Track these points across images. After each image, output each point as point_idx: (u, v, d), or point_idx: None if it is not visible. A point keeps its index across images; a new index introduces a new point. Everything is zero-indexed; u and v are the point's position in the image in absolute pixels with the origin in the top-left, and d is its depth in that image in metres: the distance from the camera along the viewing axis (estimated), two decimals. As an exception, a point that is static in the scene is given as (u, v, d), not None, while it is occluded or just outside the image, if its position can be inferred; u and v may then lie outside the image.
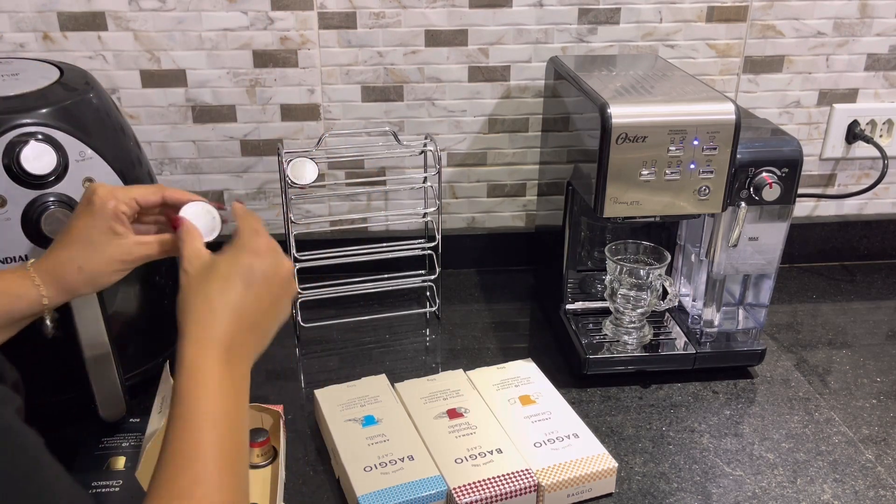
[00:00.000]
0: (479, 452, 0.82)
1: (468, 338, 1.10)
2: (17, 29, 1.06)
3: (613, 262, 0.99)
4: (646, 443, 0.90)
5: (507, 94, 1.17)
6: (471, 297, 1.21)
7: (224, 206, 0.71)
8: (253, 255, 0.62)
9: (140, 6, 1.06)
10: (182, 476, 0.50)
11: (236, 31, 1.09)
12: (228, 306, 0.58)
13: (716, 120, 0.86)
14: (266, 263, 0.61)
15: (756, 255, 0.98)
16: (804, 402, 0.97)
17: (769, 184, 0.91)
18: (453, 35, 1.13)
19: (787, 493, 0.83)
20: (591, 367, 0.98)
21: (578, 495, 0.81)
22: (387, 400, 0.90)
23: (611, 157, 0.87)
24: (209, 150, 1.16)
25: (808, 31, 1.17)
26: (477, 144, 1.20)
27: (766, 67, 1.19)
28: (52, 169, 0.78)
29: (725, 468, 0.86)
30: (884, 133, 1.24)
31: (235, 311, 0.58)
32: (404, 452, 0.82)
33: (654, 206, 0.90)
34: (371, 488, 0.77)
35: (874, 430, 0.93)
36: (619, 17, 1.14)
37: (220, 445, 0.52)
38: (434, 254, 1.10)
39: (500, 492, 0.77)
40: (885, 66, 1.21)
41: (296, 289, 0.64)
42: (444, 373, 0.97)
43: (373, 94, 1.15)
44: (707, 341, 1.02)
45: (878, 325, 1.15)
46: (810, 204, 1.30)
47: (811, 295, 1.23)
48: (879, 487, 0.84)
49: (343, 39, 1.11)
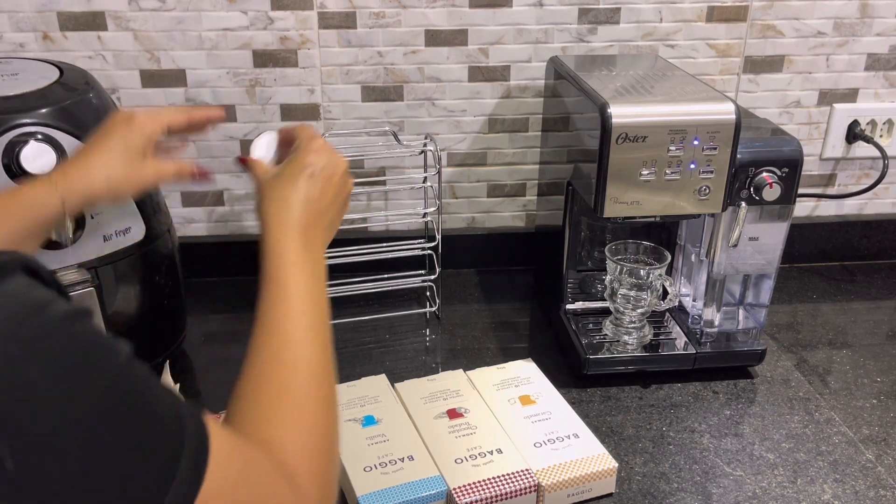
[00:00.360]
0: (479, 452, 0.82)
1: (468, 338, 1.10)
2: (17, 29, 1.06)
3: (613, 262, 0.99)
4: (646, 443, 0.90)
5: (507, 94, 1.17)
6: (471, 297, 1.21)
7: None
8: (313, 154, 0.69)
9: (140, 6, 1.06)
10: (273, 339, 0.57)
11: (236, 30, 1.09)
12: (298, 198, 0.66)
13: (716, 120, 0.86)
14: (324, 160, 0.69)
15: (756, 255, 0.98)
16: (804, 402, 0.97)
17: (769, 184, 0.91)
18: (453, 35, 1.13)
19: (787, 494, 0.83)
20: (591, 367, 0.98)
21: (578, 495, 0.81)
22: (387, 400, 0.90)
23: (611, 157, 0.87)
24: (209, 150, 1.16)
25: (808, 30, 1.17)
26: (477, 144, 1.20)
27: (766, 67, 1.19)
28: (52, 168, 0.78)
29: (726, 468, 0.86)
30: (884, 133, 1.24)
31: (305, 201, 0.66)
32: (404, 452, 0.82)
33: (654, 206, 0.90)
34: (371, 488, 0.77)
35: (874, 431, 0.93)
36: (619, 16, 1.14)
37: (306, 313, 0.59)
38: (434, 254, 1.10)
39: (500, 492, 0.77)
40: (885, 66, 1.21)
41: (352, 185, 0.74)
42: (444, 373, 0.97)
43: (373, 94, 1.15)
44: (707, 341, 1.02)
45: (878, 325, 1.15)
46: (810, 204, 1.30)
47: (811, 295, 1.23)
48: (880, 487, 0.84)
49: (343, 39, 1.11)
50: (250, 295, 0.62)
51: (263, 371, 0.56)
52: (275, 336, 0.58)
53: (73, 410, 0.33)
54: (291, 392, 0.55)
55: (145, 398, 0.38)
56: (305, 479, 0.50)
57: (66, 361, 0.34)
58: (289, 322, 0.59)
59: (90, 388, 0.35)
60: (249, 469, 0.44)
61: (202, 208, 1.20)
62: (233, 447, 0.43)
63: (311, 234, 0.65)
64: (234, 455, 0.43)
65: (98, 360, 0.36)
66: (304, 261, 0.62)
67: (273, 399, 0.54)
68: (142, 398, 0.38)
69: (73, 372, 0.34)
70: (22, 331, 0.33)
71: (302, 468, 0.50)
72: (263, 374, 0.55)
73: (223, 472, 0.40)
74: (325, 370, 0.58)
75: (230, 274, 1.19)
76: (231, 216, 1.22)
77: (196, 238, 1.21)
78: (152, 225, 0.90)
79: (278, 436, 0.51)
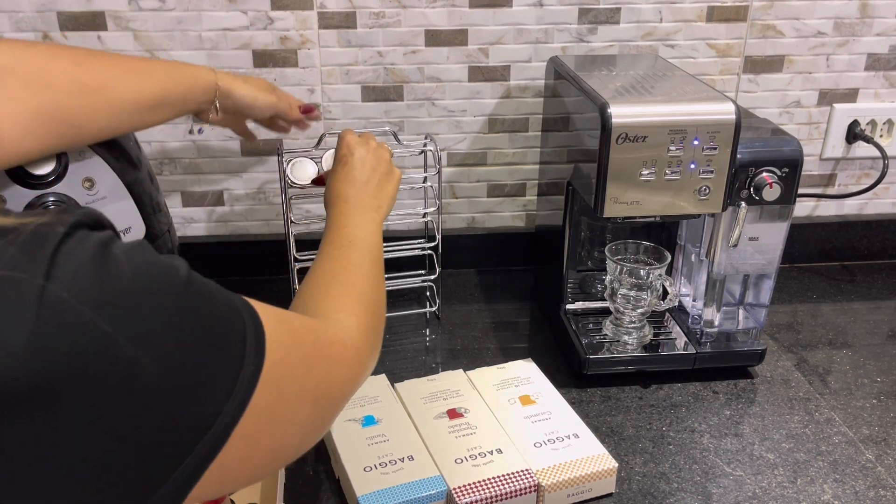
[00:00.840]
0: (479, 452, 0.82)
1: (468, 338, 1.10)
2: (17, 29, 1.05)
3: (613, 262, 0.99)
4: (646, 443, 0.90)
5: (507, 94, 1.17)
6: (471, 297, 1.21)
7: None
8: (342, 146, 0.86)
9: (140, 6, 1.06)
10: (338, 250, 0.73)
11: (236, 30, 1.09)
12: (340, 180, 0.82)
13: (716, 120, 0.86)
14: (353, 146, 0.85)
15: (756, 255, 0.98)
16: (804, 402, 0.97)
17: (769, 184, 0.91)
18: (453, 35, 1.13)
19: (787, 494, 0.83)
20: (591, 367, 0.98)
21: (578, 495, 0.81)
22: (387, 400, 0.90)
23: (611, 157, 0.87)
24: (209, 150, 1.16)
25: (808, 30, 1.17)
26: (477, 144, 1.20)
27: (766, 67, 1.19)
28: (52, 169, 0.78)
29: (726, 468, 0.86)
30: (884, 133, 1.24)
31: (345, 180, 0.82)
32: (404, 452, 0.82)
33: (654, 206, 0.90)
34: (371, 488, 0.77)
35: (874, 431, 0.93)
36: (619, 16, 1.14)
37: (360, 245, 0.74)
38: (434, 254, 1.10)
39: (500, 492, 0.77)
40: (885, 66, 1.21)
41: (399, 173, 0.88)
42: (444, 373, 0.97)
43: (373, 94, 1.15)
44: (707, 341, 1.02)
45: (878, 325, 1.15)
46: (810, 204, 1.30)
47: (811, 295, 1.23)
48: (880, 488, 0.84)
49: (343, 39, 1.11)
50: (250, 294, 0.62)
51: (329, 267, 0.70)
52: (340, 259, 0.72)
53: (162, 311, 0.40)
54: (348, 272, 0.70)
55: (209, 298, 0.45)
56: (356, 335, 0.63)
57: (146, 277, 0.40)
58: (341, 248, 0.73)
59: (169, 295, 0.41)
60: (298, 334, 0.53)
61: (202, 208, 1.20)
62: (280, 320, 0.50)
63: (354, 200, 0.80)
64: (283, 326, 0.50)
65: (169, 273, 0.42)
66: (350, 217, 0.78)
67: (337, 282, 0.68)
68: (207, 298, 0.44)
69: (154, 283, 0.41)
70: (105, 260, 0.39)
71: (356, 330, 0.63)
72: (330, 269, 0.70)
73: (278, 343, 0.48)
74: (378, 274, 0.73)
75: (230, 274, 1.19)
76: (231, 216, 1.22)
77: (196, 238, 1.21)
78: (152, 225, 0.90)
79: (338, 306, 0.65)
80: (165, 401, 0.39)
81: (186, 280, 0.43)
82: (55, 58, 0.73)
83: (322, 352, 0.55)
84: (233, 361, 0.44)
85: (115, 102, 0.77)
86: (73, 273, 0.37)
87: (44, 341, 0.34)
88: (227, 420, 0.43)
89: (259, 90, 0.93)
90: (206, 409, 0.42)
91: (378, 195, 0.83)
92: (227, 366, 0.43)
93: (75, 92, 0.73)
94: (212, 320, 0.44)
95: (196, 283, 0.44)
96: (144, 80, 0.79)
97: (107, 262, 0.38)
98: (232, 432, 0.43)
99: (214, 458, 0.42)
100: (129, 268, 0.39)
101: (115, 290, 0.38)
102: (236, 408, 0.43)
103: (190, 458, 0.41)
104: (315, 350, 0.54)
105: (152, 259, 0.42)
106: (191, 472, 0.41)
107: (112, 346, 0.37)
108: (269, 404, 0.46)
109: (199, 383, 0.41)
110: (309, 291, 0.68)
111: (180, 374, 0.40)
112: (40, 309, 0.35)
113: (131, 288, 0.39)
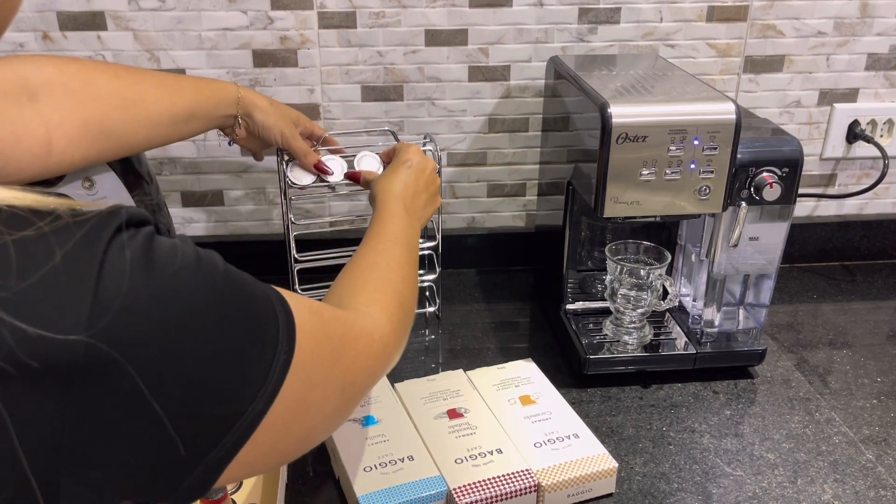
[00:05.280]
0: (479, 453, 0.82)
1: (468, 338, 1.10)
2: (17, 28, 1.05)
3: (614, 262, 0.99)
4: (646, 443, 0.90)
5: (507, 94, 1.17)
6: (471, 297, 1.21)
7: None
8: (410, 153, 0.90)
9: (140, 6, 1.06)
10: (376, 245, 0.76)
11: (236, 30, 1.09)
12: (400, 180, 0.86)
13: (716, 120, 0.86)
14: (418, 158, 0.89)
15: (756, 255, 0.98)
16: (804, 402, 0.97)
17: (769, 184, 0.91)
18: (453, 35, 1.13)
19: (787, 494, 0.83)
20: (591, 367, 0.98)
21: (579, 495, 0.81)
22: (387, 400, 0.90)
23: (611, 157, 0.87)
24: (209, 150, 1.16)
25: (808, 30, 1.17)
26: (477, 144, 1.20)
27: (766, 67, 1.19)
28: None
29: (726, 468, 0.86)
30: (884, 133, 1.24)
31: (405, 183, 0.85)
32: (404, 452, 0.82)
33: (654, 205, 0.90)
34: (371, 488, 0.77)
35: (875, 431, 0.93)
36: (619, 16, 1.14)
37: (399, 243, 0.77)
38: (434, 254, 1.10)
39: (501, 492, 0.77)
40: (885, 66, 1.20)
41: (440, 183, 0.92)
42: (444, 373, 0.97)
43: (373, 94, 1.15)
44: (707, 341, 1.02)
45: (878, 325, 1.15)
46: (810, 204, 1.30)
47: (811, 295, 1.23)
48: (880, 488, 0.84)
49: (343, 39, 1.11)
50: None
51: (374, 259, 0.73)
52: (385, 242, 0.76)
53: (206, 299, 0.42)
54: (388, 266, 0.73)
55: (245, 287, 0.47)
56: (386, 330, 0.64)
57: (190, 268, 0.43)
58: (388, 243, 0.76)
59: (211, 284, 0.43)
60: (329, 326, 0.55)
61: (202, 208, 1.20)
62: (311, 311, 0.52)
63: (408, 204, 0.83)
64: (314, 318, 0.52)
65: (210, 266, 0.44)
66: (401, 217, 0.80)
67: (376, 276, 0.71)
68: (243, 287, 0.46)
69: (198, 273, 0.43)
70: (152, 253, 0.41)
71: (387, 325, 0.65)
72: (373, 261, 0.73)
73: (309, 333, 0.50)
74: (414, 277, 0.76)
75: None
76: (231, 216, 1.22)
77: (196, 238, 1.21)
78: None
79: (373, 299, 0.67)
80: (207, 384, 0.41)
81: (225, 270, 0.45)
82: (98, 72, 0.76)
83: (350, 344, 0.57)
84: (267, 349, 0.46)
85: (153, 115, 0.79)
86: (129, 262, 0.39)
87: (102, 322, 0.37)
88: (260, 407, 0.45)
89: (280, 119, 0.94)
90: (244, 392, 0.44)
91: (425, 209, 0.88)
92: (263, 353, 0.45)
93: (118, 105, 0.76)
94: (249, 308, 0.46)
95: (232, 273, 0.46)
96: (177, 94, 0.82)
97: (153, 254, 0.41)
98: (263, 419, 0.45)
99: (245, 443, 0.44)
100: (176, 259, 0.42)
101: (163, 280, 0.40)
102: (269, 395, 0.45)
103: (223, 442, 0.43)
104: (343, 342, 0.56)
105: (193, 252, 0.44)
106: (223, 456, 0.43)
107: (161, 330, 0.39)
108: (298, 392, 0.48)
109: (238, 369, 0.43)
110: (349, 280, 0.71)
111: (221, 360, 0.42)
112: (97, 293, 0.37)
113: (178, 277, 0.41)
